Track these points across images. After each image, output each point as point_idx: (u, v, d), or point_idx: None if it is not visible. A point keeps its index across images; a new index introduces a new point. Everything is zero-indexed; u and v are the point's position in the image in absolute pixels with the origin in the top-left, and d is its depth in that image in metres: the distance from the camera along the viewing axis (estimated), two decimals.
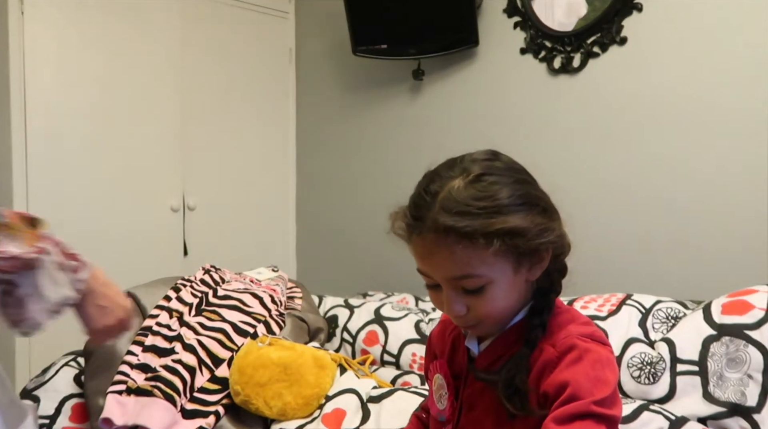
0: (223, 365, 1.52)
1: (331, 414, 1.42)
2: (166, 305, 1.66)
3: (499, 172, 0.78)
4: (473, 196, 0.75)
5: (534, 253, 0.78)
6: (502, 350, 0.82)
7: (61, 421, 1.51)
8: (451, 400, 0.88)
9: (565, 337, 0.77)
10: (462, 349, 0.88)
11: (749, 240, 1.79)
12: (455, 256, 0.74)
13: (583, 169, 2.11)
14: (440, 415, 0.89)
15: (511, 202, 0.75)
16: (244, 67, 2.85)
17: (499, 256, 0.75)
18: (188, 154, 2.66)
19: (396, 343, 1.76)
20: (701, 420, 1.26)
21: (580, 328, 0.79)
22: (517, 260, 0.77)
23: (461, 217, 0.74)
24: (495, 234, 0.73)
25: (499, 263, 0.76)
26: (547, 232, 0.77)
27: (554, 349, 0.76)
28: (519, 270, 0.78)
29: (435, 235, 0.75)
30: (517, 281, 0.79)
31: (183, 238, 2.65)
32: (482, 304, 0.78)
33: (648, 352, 1.42)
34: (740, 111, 1.81)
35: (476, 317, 0.79)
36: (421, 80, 2.52)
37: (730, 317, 1.35)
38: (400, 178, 2.48)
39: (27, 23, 2.24)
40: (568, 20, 2.11)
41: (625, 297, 1.59)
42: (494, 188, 0.76)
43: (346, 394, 1.46)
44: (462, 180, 0.76)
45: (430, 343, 0.98)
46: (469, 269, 0.75)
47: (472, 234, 0.73)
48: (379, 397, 1.43)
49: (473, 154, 0.81)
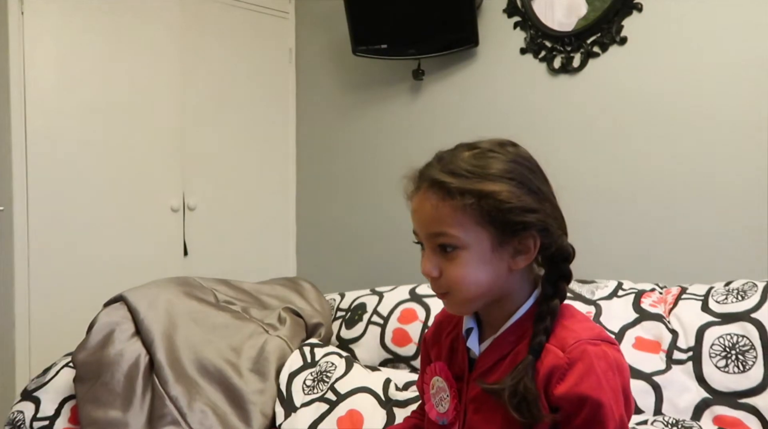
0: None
1: (346, 416, 1.39)
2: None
3: (506, 153, 0.83)
4: (470, 163, 0.81)
5: (515, 232, 0.79)
6: (504, 350, 0.82)
7: (61, 422, 1.50)
8: (454, 402, 0.87)
9: (575, 342, 0.76)
10: (462, 350, 0.88)
11: (750, 237, 1.79)
12: (436, 211, 0.80)
13: (583, 168, 2.11)
14: (441, 419, 0.89)
15: (500, 174, 0.80)
16: (244, 67, 2.85)
17: (474, 221, 0.78)
18: (188, 154, 2.66)
19: None
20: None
21: (588, 331, 0.79)
22: (495, 235, 0.79)
23: (451, 175, 0.80)
24: (470, 192, 0.78)
25: (474, 229, 0.79)
26: (526, 209, 0.79)
27: (564, 354, 0.76)
28: (499, 249, 0.80)
29: (426, 189, 0.82)
30: (495, 260, 0.80)
31: (183, 238, 2.65)
32: (453, 269, 0.80)
33: (729, 332, 1.33)
34: (740, 110, 1.80)
35: (447, 284, 0.82)
36: (421, 80, 2.51)
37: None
38: (400, 178, 2.47)
39: (27, 23, 2.24)
40: (568, 20, 2.11)
41: (680, 291, 1.53)
42: (490, 161, 0.81)
43: (360, 394, 1.43)
44: (469, 152, 0.83)
45: (425, 347, 0.98)
46: (445, 226, 0.80)
47: (452, 190, 0.79)
48: (405, 402, 1.38)
49: (494, 139, 0.87)
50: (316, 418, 1.42)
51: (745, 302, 1.38)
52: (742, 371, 1.28)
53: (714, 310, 1.41)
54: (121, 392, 1.45)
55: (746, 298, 1.40)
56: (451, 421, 0.87)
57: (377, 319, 1.76)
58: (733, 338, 1.33)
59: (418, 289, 1.79)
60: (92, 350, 1.49)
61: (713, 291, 1.47)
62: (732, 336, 1.33)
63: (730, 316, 1.37)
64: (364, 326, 1.77)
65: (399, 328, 1.71)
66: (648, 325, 1.45)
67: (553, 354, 0.77)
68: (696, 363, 1.34)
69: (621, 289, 1.59)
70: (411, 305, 1.73)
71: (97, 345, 1.50)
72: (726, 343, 1.33)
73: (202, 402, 1.47)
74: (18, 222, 2.24)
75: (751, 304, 1.37)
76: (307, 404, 1.47)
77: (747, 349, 1.30)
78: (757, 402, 1.24)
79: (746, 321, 1.34)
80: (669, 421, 1.24)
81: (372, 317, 1.77)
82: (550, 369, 0.76)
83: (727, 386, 1.29)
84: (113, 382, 1.46)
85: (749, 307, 1.36)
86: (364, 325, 1.77)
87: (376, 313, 1.77)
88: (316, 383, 1.51)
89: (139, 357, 1.50)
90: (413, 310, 1.72)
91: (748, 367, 1.28)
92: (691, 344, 1.37)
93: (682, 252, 1.92)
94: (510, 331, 0.82)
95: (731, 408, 1.26)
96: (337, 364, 1.55)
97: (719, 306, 1.41)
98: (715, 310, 1.41)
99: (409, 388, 1.46)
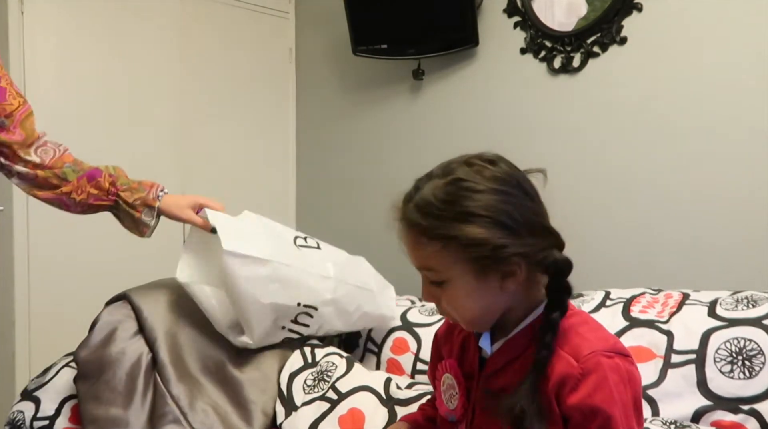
0: None
1: (347, 415, 1.39)
2: None
3: (481, 180, 0.79)
4: (440, 199, 0.79)
5: (496, 264, 0.78)
6: (516, 351, 0.82)
7: (61, 422, 1.50)
8: (462, 400, 0.87)
9: (589, 352, 0.76)
10: (473, 349, 0.88)
11: (750, 236, 1.78)
12: (418, 248, 0.81)
13: (583, 168, 2.11)
14: (450, 415, 0.89)
15: (472, 212, 0.77)
16: (244, 67, 2.85)
17: (453, 259, 0.78)
18: (188, 155, 2.66)
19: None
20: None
21: (602, 341, 0.79)
22: (476, 268, 0.78)
23: (425, 216, 0.79)
24: (449, 238, 0.77)
25: (456, 266, 0.79)
26: (502, 247, 0.77)
27: (577, 364, 0.76)
28: (484, 278, 0.79)
29: (405, 226, 0.82)
30: (483, 288, 0.80)
31: (183, 238, 2.65)
32: (446, 298, 0.82)
33: (737, 336, 1.29)
34: (740, 110, 1.81)
35: (446, 310, 0.84)
36: (421, 80, 2.52)
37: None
38: (400, 178, 2.46)
39: (27, 23, 2.24)
40: (568, 20, 2.11)
41: (682, 297, 1.50)
42: (461, 194, 0.78)
43: (362, 392, 1.43)
44: (441, 180, 0.80)
45: (436, 344, 0.98)
46: (428, 262, 0.81)
47: (429, 232, 0.79)
48: (407, 401, 1.38)
49: (473, 156, 0.83)
50: (317, 417, 1.41)
51: (756, 309, 1.34)
52: (748, 377, 1.25)
53: (721, 315, 1.37)
54: (122, 390, 1.45)
55: (758, 306, 1.36)
56: (459, 418, 0.88)
57: (372, 347, 1.78)
58: (740, 342, 1.29)
59: (410, 314, 1.79)
60: (94, 348, 1.49)
61: (721, 300, 1.44)
62: (739, 340, 1.29)
63: (739, 321, 1.33)
64: (362, 351, 1.80)
65: (392, 359, 1.72)
66: (638, 332, 1.42)
67: (566, 361, 0.77)
68: (699, 367, 1.30)
69: (609, 299, 1.57)
70: (401, 334, 1.74)
71: (99, 343, 1.50)
72: (732, 348, 1.29)
73: (204, 401, 1.47)
74: (18, 222, 2.24)
75: (762, 311, 1.33)
76: (308, 403, 1.46)
77: (754, 354, 1.26)
78: (762, 408, 1.21)
79: (757, 326, 1.30)
80: (667, 420, 1.24)
81: (367, 344, 1.79)
82: (562, 376, 0.76)
83: (730, 392, 1.25)
84: (115, 380, 1.45)
85: (761, 314, 1.33)
86: (362, 351, 1.80)
87: (370, 340, 1.79)
88: (317, 382, 1.51)
89: (141, 355, 1.50)
90: (404, 339, 1.73)
91: (754, 373, 1.25)
92: (693, 347, 1.33)
93: (683, 249, 1.92)
94: (522, 333, 0.83)
95: (731, 413, 1.24)
96: (337, 363, 1.54)
97: (728, 312, 1.37)
98: (722, 316, 1.37)
99: (411, 387, 1.46)
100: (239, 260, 1.46)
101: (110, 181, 1.54)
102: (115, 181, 1.54)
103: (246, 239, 1.51)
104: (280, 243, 1.63)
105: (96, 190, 1.52)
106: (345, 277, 1.66)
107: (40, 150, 1.49)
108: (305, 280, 1.57)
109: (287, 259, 1.55)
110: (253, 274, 1.47)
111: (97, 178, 1.53)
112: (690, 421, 1.26)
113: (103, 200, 1.54)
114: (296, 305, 1.55)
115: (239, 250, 1.46)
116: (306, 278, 1.57)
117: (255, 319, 1.50)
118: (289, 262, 1.54)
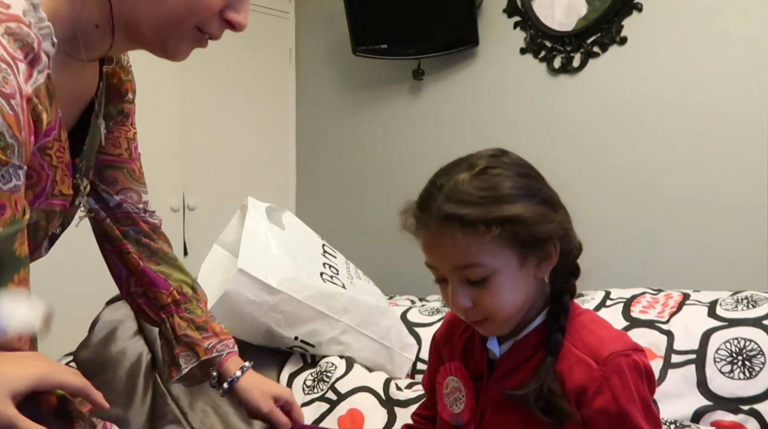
0: None
1: (347, 416, 1.39)
2: None
3: (504, 166, 0.80)
4: (476, 187, 0.77)
5: (538, 244, 0.78)
6: (527, 352, 0.81)
7: None
8: (470, 403, 0.86)
9: (609, 354, 0.76)
10: (479, 351, 0.87)
11: (751, 236, 1.79)
12: (458, 244, 0.76)
13: (583, 168, 2.11)
14: (455, 420, 0.87)
15: (512, 193, 0.77)
16: (244, 67, 2.85)
17: (501, 244, 0.76)
18: (188, 154, 2.66)
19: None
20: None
21: (617, 340, 0.79)
22: (521, 252, 0.77)
23: (463, 205, 0.76)
24: (494, 221, 0.75)
25: (502, 253, 0.76)
26: (548, 222, 0.78)
27: (597, 367, 0.76)
28: (525, 264, 0.78)
29: (439, 225, 0.77)
30: (523, 276, 0.79)
31: (183, 238, 2.65)
32: (487, 297, 0.78)
33: (737, 336, 1.29)
34: (740, 110, 1.81)
35: (482, 312, 0.79)
36: (421, 80, 2.52)
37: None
38: (400, 178, 2.49)
39: None
40: (568, 20, 2.11)
41: (682, 298, 1.51)
42: (497, 180, 0.78)
43: (361, 393, 1.43)
44: (467, 173, 0.79)
45: (435, 347, 0.96)
46: (471, 258, 0.76)
47: (473, 221, 0.75)
48: (406, 402, 1.38)
49: (481, 152, 0.83)
50: (317, 418, 1.42)
51: (756, 310, 1.35)
52: (747, 377, 1.25)
53: (722, 315, 1.38)
54: (122, 390, 1.45)
55: (758, 306, 1.36)
56: (466, 422, 0.86)
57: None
58: (741, 342, 1.29)
59: (410, 314, 1.77)
60: (94, 348, 1.49)
61: (721, 300, 1.44)
62: (739, 340, 1.30)
63: (739, 321, 1.34)
64: None
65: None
66: (638, 332, 1.42)
67: (586, 365, 0.76)
68: (699, 367, 1.31)
69: (609, 299, 1.57)
70: None
71: (100, 343, 1.50)
72: (732, 348, 1.30)
73: (204, 401, 1.47)
74: None
75: (762, 312, 1.34)
76: (308, 404, 1.46)
77: (754, 355, 1.27)
78: (762, 408, 1.22)
79: (757, 327, 1.31)
80: (667, 420, 1.24)
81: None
82: (584, 381, 0.76)
83: (730, 392, 1.26)
84: (115, 380, 1.45)
85: (761, 314, 1.33)
86: None
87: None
88: (317, 383, 1.51)
89: (141, 355, 1.50)
90: None
91: (754, 374, 1.25)
92: (693, 347, 1.34)
93: (683, 249, 1.92)
94: (532, 333, 0.82)
95: (731, 413, 1.24)
96: (337, 364, 1.54)
97: (728, 312, 1.38)
98: (723, 316, 1.38)
99: (410, 387, 1.46)
100: (250, 282, 1.43)
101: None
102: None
103: (265, 262, 1.47)
104: (303, 271, 1.56)
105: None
106: (360, 325, 1.59)
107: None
108: (311, 319, 1.51)
109: (301, 292, 1.49)
110: (259, 300, 1.44)
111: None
112: (690, 421, 1.27)
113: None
114: (293, 338, 1.53)
115: (253, 273, 1.43)
116: (312, 317, 1.51)
117: (245, 334, 1.49)
118: (301, 298, 1.49)
